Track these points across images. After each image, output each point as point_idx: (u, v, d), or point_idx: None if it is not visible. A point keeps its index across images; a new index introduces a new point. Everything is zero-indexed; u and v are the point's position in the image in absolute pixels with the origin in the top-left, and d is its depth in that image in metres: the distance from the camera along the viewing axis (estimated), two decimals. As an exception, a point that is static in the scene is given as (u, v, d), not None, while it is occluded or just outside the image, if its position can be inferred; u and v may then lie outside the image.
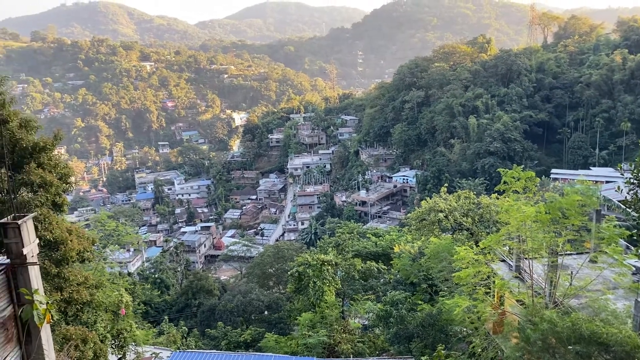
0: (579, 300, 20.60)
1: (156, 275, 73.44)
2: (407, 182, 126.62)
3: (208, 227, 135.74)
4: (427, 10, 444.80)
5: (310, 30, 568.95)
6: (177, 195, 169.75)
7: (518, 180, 22.88)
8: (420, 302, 34.26)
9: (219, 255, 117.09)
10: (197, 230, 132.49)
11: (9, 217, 12.72)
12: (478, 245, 24.87)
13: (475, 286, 23.24)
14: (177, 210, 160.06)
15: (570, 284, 20.24)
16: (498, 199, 34.78)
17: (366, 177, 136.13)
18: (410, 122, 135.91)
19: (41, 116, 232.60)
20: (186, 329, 49.19)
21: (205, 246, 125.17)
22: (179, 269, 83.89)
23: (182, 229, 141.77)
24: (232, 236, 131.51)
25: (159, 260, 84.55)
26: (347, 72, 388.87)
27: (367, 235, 58.72)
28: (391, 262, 43.35)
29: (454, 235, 38.58)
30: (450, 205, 39.87)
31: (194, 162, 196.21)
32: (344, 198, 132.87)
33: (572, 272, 20.94)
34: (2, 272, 12.43)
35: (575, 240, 22.34)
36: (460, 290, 26.34)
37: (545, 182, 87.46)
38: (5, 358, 12.29)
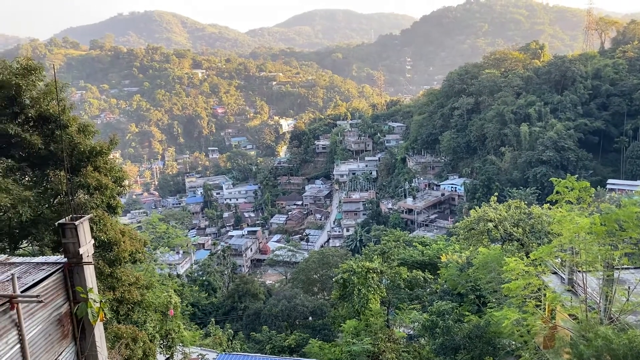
0: (636, 317, 19.69)
1: (204, 278, 74.83)
2: (456, 190, 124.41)
3: (254, 232, 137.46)
4: (478, 16, 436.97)
5: (358, 37, 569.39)
6: (225, 200, 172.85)
7: (572, 190, 22.15)
8: (467, 313, 33.58)
9: (264, 260, 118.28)
10: (243, 235, 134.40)
11: (66, 218, 13.30)
12: (529, 257, 24.20)
13: (525, 298, 22.62)
14: (225, 215, 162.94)
15: (628, 300, 19.38)
16: (550, 209, 33.71)
17: (413, 184, 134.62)
18: (460, 129, 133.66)
19: (98, 121, 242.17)
20: (232, 332, 49.87)
21: (251, 250, 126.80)
22: (225, 272, 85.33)
23: (230, 233, 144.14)
24: (278, 241, 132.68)
25: (206, 263, 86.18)
26: (395, 79, 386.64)
27: (414, 243, 57.99)
28: (438, 271, 42.70)
29: (504, 246, 37.65)
30: (500, 215, 38.95)
31: (242, 167, 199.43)
32: (390, 205, 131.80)
33: (629, 287, 20.03)
34: (60, 270, 13.00)
35: (633, 254, 21.40)
36: (509, 302, 25.71)
37: (601, 193, 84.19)
38: (61, 353, 12.82)
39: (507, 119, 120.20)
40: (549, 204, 34.14)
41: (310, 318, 55.42)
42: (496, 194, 47.11)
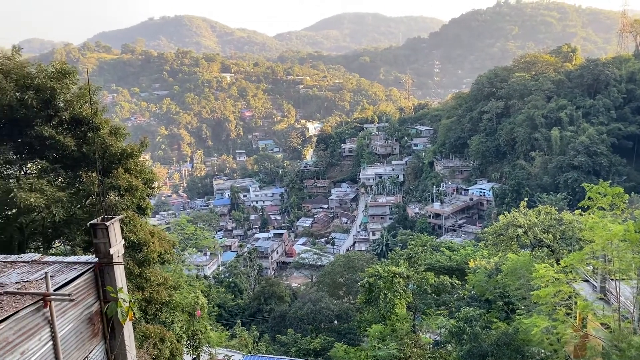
0: (672, 328, 19.06)
1: (230, 280, 75.48)
2: (484, 195, 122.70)
3: (280, 234, 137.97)
4: (508, 19, 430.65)
5: (386, 41, 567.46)
6: (251, 202, 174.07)
7: (604, 196, 21.64)
8: (495, 320, 33.09)
9: (290, 263, 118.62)
10: (270, 237, 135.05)
11: (98, 218, 13.58)
12: (559, 264, 23.72)
13: (555, 306, 22.18)
14: (252, 217, 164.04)
15: (663, 310, 18.80)
16: (582, 215, 33.02)
17: (441, 189, 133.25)
18: (489, 133, 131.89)
19: (128, 124, 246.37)
20: (257, 334, 50.16)
21: (277, 253, 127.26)
22: (252, 274, 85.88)
23: (256, 235, 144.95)
24: (304, 244, 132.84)
25: (233, 264, 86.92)
26: (423, 82, 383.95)
27: (441, 248, 57.46)
28: (466, 277, 42.24)
29: (533, 252, 37.02)
30: (529, 221, 38.33)
31: (269, 170, 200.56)
32: (417, 210, 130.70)
33: (665, 296, 19.43)
34: (91, 270, 13.27)
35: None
36: (538, 310, 25.26)
37: (635, 199, 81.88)
38: (91, 351, 13.08)
39: (538, 123, 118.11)
40: (580, 210, 33.46)
41: (335, 322, 55.38)
42: (526, 199, 46.48)
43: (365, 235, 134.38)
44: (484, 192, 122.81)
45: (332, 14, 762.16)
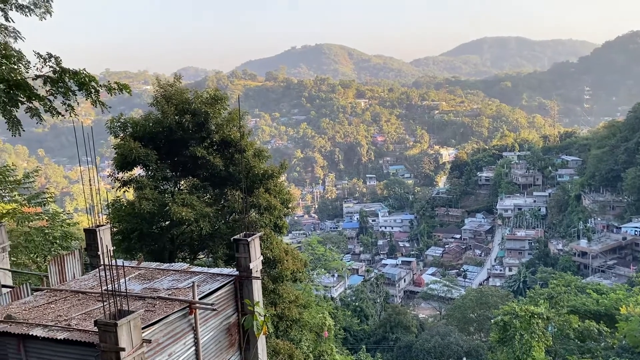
0: None
1: (357, 304, 75.51)
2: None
3: (409, 262, 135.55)
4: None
5: (530, 65, 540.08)
6: (380, 227, 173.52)
7: None
8: (652, 377, 29.26)
9: (418, 292, 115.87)
10: (397, 264, 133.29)
11: (241, 234, 14.39)
12: None
13: None
14: (380, 242, 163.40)
15: None
16: None
17: (588, 225, 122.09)
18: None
19: (268, 146, 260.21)
20: (382, 362, 49.47)
21: (404, 281, 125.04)
22: (378, 300, 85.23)
23: (383, 261, 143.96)
24: (433, 274, 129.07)
25: (360, 289, 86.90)
26: (571, 109, 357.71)
27: (587, 290, 52.59)
28: (616, 324, 38.06)
29: (703, 304, 32.33)
30: (698, 267, 33.60)
31: (399, 195, 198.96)
32: (560, 246, 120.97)
33: None
34: (232, 282, 14.04)
35: None
36: None
37: None
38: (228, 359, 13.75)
39: None
40: None
41: (464, 358, 52.89)
42: (694, 242, 40.89)
43: (500, 270, 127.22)
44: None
45: (473, 39, 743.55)
